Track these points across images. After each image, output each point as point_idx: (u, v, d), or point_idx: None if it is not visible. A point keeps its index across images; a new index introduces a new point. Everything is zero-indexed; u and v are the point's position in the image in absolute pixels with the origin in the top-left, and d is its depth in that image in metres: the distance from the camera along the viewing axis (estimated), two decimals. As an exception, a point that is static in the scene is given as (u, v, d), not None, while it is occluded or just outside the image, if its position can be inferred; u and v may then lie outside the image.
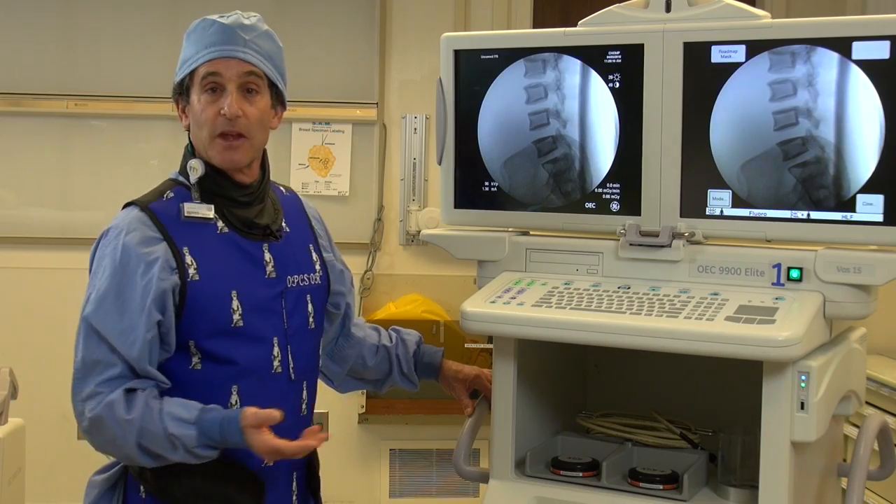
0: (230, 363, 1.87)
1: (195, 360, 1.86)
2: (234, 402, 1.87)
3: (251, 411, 1.75)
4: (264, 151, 1.99)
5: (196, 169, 1.89)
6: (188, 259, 1.84)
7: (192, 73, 1.90)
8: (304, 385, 1.99)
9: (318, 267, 2.04)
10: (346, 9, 4.35)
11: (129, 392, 1.80)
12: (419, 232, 4.23)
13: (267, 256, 1.94)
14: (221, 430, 1.76)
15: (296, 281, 1.98)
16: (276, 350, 1.92)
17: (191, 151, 1.94)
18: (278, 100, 1.98)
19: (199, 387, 1.85)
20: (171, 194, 1.91)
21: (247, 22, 1.91)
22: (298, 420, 1.96)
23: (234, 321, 1.87)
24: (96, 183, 4.33)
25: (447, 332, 4.04)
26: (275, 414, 1.75)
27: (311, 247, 2.06)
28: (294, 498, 2.00)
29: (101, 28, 4.30)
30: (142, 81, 4.30)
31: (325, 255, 2.08)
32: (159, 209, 1.88)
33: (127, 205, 1.91)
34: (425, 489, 4.35)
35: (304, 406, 2.00)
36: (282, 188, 2.11)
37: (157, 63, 4.31)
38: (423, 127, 4.35)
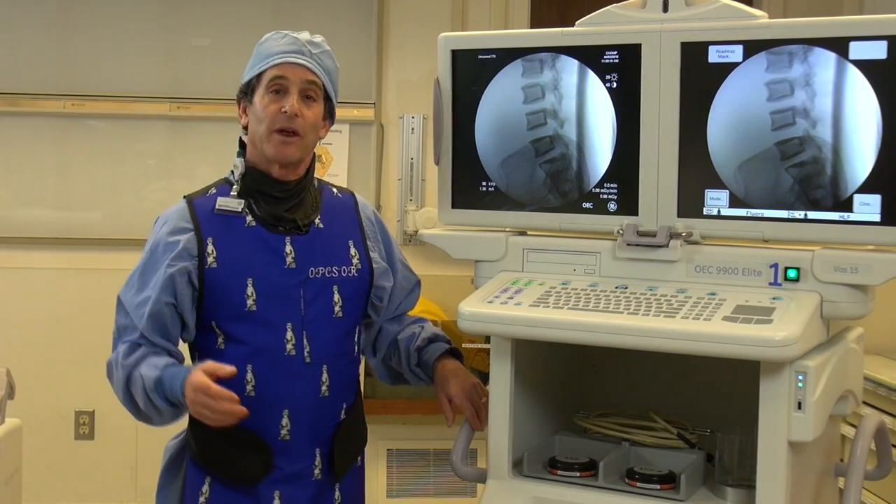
0: (244, 343, 2.05)
1: (219, 339, 2.07)
2: (249, 380, 2.04)
3: (211, 362, 1.93)
4: (313, 154, 2.15)
5: (237, 167, 2.11)
6: (209, 248, 2.05)
7: (259, 75, 2.07)
8: (324, 369, 2.10)
9: (355, 261, 2.15)
10: (343, 9, 4.35)
11: (137, 346, 2.03)
12: (416, 232, 4.23)
13: (288, 248, 2.08)
14: (170, 380, 1.95)
15: (320, 272, 2.10)
16: (288, 334, 2.06)
17: (239, 153, 2.13)
18: (329, 112, 2.15)
19: (223, 362, 1.99)
20: (214, 190, 2.13)
21: (315, 40, 2.11)
22: (319, 402, 2.10)
23: (248, 306, 2.04)
24: (93, 183, 4.33)
25: (444, 332, 4.02)
26: (227, 368, 1.91)
27: (352, 242, 2.16)
28: (317, 471, 2.11)
29: (98, 28, 4.29)
30: (139, 81, 4.30)
31: (371, 253, 2.18)
32: (199, 203, 2.10)
33: (184, 197, 2.14)
34: (423, 489, 4.34)
35: (323, 388, 2.10)
36: (334, 189, 2.24)
37: (155, 63, 4.32)
38: (421, 127, 4.35)
